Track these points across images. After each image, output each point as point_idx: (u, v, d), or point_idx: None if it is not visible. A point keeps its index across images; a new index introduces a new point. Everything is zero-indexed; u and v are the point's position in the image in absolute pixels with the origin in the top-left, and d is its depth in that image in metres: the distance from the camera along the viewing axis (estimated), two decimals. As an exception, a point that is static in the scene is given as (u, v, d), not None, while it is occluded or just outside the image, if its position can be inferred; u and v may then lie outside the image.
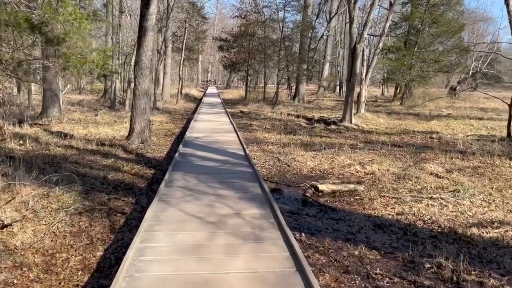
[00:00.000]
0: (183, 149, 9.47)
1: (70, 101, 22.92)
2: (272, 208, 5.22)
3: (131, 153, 9.28)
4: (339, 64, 50.21)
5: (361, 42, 16.15)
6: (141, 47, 9.73)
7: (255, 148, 10.89)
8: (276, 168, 8.44)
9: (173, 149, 10.34)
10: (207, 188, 6.27)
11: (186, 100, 30.18)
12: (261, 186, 6.36)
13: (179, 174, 7.08)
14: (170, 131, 13.89)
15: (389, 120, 19.53)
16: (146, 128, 10.14)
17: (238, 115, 20.69)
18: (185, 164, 7.96)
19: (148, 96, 10.03)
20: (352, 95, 16.54)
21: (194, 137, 11.52)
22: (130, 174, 7.46)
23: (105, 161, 8.35)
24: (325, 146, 11.59)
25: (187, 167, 7.72)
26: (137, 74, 9.80)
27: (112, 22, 20.57)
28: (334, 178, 7.68)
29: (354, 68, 16.22)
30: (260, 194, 6.02)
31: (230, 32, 33.03)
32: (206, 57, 70.14)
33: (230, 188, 6.25)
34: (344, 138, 13.27)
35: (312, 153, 10.09)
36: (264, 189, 6.09)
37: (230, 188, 6.25)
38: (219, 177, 6.94)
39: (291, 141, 12.38)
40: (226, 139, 11.27)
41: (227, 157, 8.74)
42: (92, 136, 11.79)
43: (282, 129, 15.17)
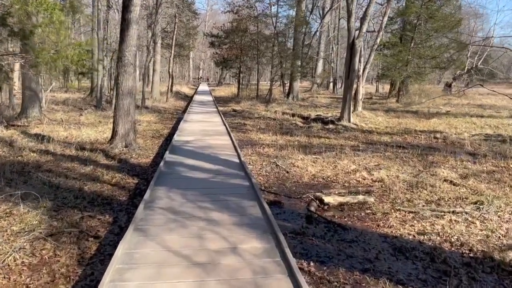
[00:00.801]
0: (169, 156, 8.37)
1: (54, 100, 21.88)
2: (277, 240, 4.20)
3: (113, 158, 8.40)
4: (332, 61, 49.59)
5: (359, 37, 15.37)
6: (124, 42, 8.83)
7: (250, 151, 10.07)
8: (274, 175, 7.63)
9: (160, 153, 9.48)
10: (195, 209, 5.16)
11: (176, 98, 29.23)
12: (261, 205, 5.33)
13: (163, 190, 5.99)
14: (158, 132, 13.00)
15: (388, 118, 18.83)
16: (131, 131, 9.26)
17: (230, 114, 19.84)
18: (171, 176, 6.84)
19: (132, 95, 9.15)
20: (351, 93, 15.78)
21: (183, 141, 10.42)
22: (110, 185, 6.59)
23: (83, 169, 7.47)
24: (325, 148, 10.83)
25: (173, 180, 6.60)
26: (120, 72, 8.91)
27: (98, 16, 19.54)
28: (339, 187, 6.89)
29: (352, 65, 15.45)
30: (260, 217, 4.96)
31: (222, 28, 32.08)
32: (197, 54, 69.04)
33: (223, 209, 5.19)
34: (344, 139, 12.50)
35: (312, 156, 9.29)
36: (265, 210, 5.07)
37: (223, 209, 5.19)
38: (211, 194, 5.87)
39: (288, 142, 11.58)
40: (218, 143, 10.28)
41: (220, 165, 7.71)
42: (73, 139, 10.87)
43: (277, 129, 14.36)
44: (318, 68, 45.26)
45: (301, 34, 29.23)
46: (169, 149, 9.04)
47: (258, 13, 28.05)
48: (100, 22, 20.38)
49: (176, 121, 16.21)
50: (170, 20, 28.78)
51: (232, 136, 11.09)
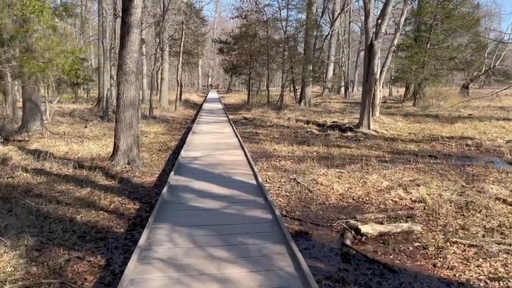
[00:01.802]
0: (175, 178, 7.09)
1: (61, 112, 21.27)
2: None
3: (113, 178, 7.50)
4: (343, 65, 48.57)
5: (378, 38, 14.37)
6: (125, 48, 7.97)
7: (265, 165, 9.11)
8: (296, 195, 6.64)
9: (166, 170, 8.56)
10: (205, 262, 3.89)
11: (185, 107, 28.45)
12: (292, 254, 3.99)
13: (164, 229, 4.70)
14: (166, 144, 12.11)
15: (408, 123, 17.75)
16: (134, 145, 8.37)
17: (241, 122, 18.92)
18: (175, 207, 5.57)
19: (134, 106, 8.28)
20: (370, 98, 14.75)
21: (190, 158, 9.14)
22: (107, 212, 5.67)
23: (79, 192, 6.58)
24: (347, 159, 9.82)
25: (177, 213, 5.34)
26: (120, 81, 8.05)
27: (103, 24, 18.87)
28: (374, 209, 5.88)
29: (371, 67, 14.43)
30: (293, 274, 3.63)
31: (231, 34, 31.29)
32: (206, 61, 68.52)
33: (242, 261, 3.91)
34: (366, 148, 11.47)
35: (335, 170, 8.29)
36: (299, 263, 3.75)
37: (242, 261, 3.91)
38: (225, 234, 4.58)
39: (305, 153, 10.60)
40: (231, 160, 9.03)
41: (234, 189, 6.45)
42: (73, 155, 10.04)
43: (292, 139, 13.38)
44: (329, 73, 44.21)
45: (312, 38, 28.28)
46: (175, 168, 7.84)
47: (267, 17, 27.20)
48: (105, 31, 19.72)
49: (185, 131, 15.33)
50: (178, 27, 28.09)
51: (246, 150, 10.01)
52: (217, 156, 9.44)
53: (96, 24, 22.92)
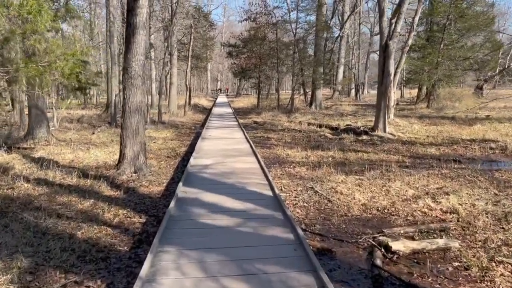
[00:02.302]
0: (183, 190, 6.50)
1: (69, 118, 21.04)
2: None
3: (119, 188, 7.07)
4: (353, 67, 47.95)
5: (393, 37, 13.81)
6: (130, 51, 7.56)
7: (279, 172, 8.61)
8: (314, 206, 6.13)
9: (175, 178, 8.11)
10: None
11: (194, 111, 28.10)
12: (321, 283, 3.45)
13: (170, 254, 4.08)
14: (175, 150, 11.68)
15: (424, 126, 17.12)
16: (140, 153, 7.94)
17: (252, 127, 18.46)
18: (183, 225, 4.92)
19: (141, 112, 7.85)
20: (386, 100, 14.17)
21: (200, 166, 8.51)
22: (110, 227, 5.23)
23: (81, 204, 6.15)
24: (365, 164, 9.29)
25: (185, 232, 4.69)
26: (126, 85, 7.64)
27: (110, 29, 18.62)
28: (402, 222, 5.34)
29: (386, 68, 13.88)
30: None
31: (239, 37, 30.92)
32: (215, 66, 68.39)
33: None
34: (384, 153, 10.91)
35: (354, 177, 7.76)
36: None
37: None
38: (241, 260, 3.93)
39: (320, 159, 10.08)
40: (243, 167, 8.42)
41: (248, 202, 5.82)
42: (79, 163, 9.67)
43: (305, 143, 12.87)
44: (339, 75, 43.61)
45: (322, 40, 27.80)
46: (184, 178, 7.24)
47: (276, 19, 26.76)
48: (113, 35, 19.47)
49: (194, 137, 14.91)
50: (186, 31, 27.82)
51: (259, 157, 9.47)
52: (228, 164, 8.83)
53: (105, 30, 22.73)
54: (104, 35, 31.83)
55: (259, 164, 8.81)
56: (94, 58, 41.02)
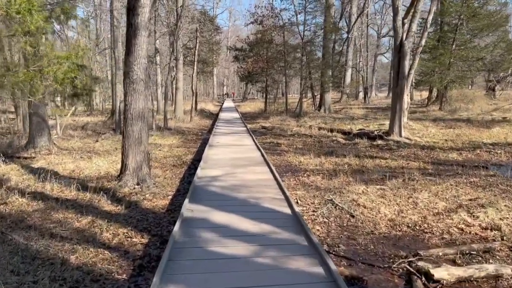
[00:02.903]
0: (190, 207, 5.71)
1: (74, 125, 20.67)
2: None
3: (120, 202, 6.50)
4: (361, 69, 47.26)
5: (409, 37, 13.17)
6: (131, 53, 7.02)
7: (292, 181, 8.01)
8: (336, 221, 5.51)
9: (181, 190, 7.54)
10: None
11: (201, 117, 27.61)
12: None
13: None
14: (181, 159, 11.11)
15: (440, 129, 16.44)
16: (144, 163, 7.38)
17: (260, 132, 17.87)
18: (188, 254, 4.15)
19: (144, 119, 7.30)
20: (401, 103, 13.51)
21: (208, 178, 7.69)
22: (108, 250, 4.65)
23: (78, 222, 5.59)
24: (385, 173, 8.65)
25: (192, 266, 3.88)
26: (127, 90, 7.09)
27: (114, 34, 18.22)
28: (438, 241, 4.70)
29: (401, 69, 13.23)
30: None
31: (246, 40, 30.42)
32: (221, 70, 68.10)
33: None
34: (403, 159, 10.25)
35: (375, 187, 7.13)
36: None
37: None
38: None
39: (336, 166, 9.46)
40: (255, 179, 7.61)
41: (265, 223, 5.00)
42: (80, 173, 9.14)
43: (318, 149, 12.25)
44: (346, 78, 42.95)
45: (330, 42, 27.21)
46: (190, 193, 6.43)
47: (284, 22, 26.22)
48: (117, 40, 19.04)
49: (201, 143, 14.36)
50: (192, 35, 27.39)
51: (272, 167, 8.69)
52: (239, 175, 8.06)
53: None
54: (109, 42, 31.57)
55: (272, 174, 8.06)
56: (100, 64, 40.80)
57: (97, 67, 33.98)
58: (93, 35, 43.20)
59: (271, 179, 7.66)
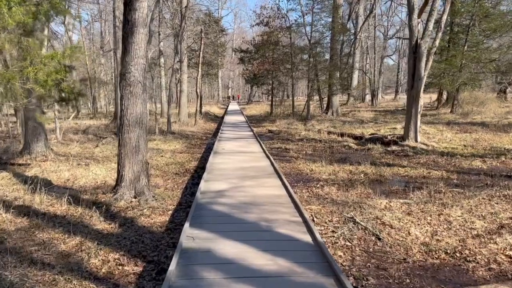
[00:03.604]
0: (191, 234, 4.78)
1: (75, 129, 20.12)
2: None
3: (114, 218, 5.81)
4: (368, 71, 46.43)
5: (425, 37, 12.43)
6: (128, 53, 6.34)
7: (305, 193, 7.29)
8: (360, 245, 4.77)
9: (183, 203, 6.84)
10: None
11: (206, 120, 26.97)
12: None
13: None
14: (183, 166, 10.43)
15: (456, 133, 15.64)
16: (142, 174, 6.69)
17: (267, 136, 17.17)
18: None
19: (142, 125, 6.61)
20: (417, 106, 12.75)
21: (212, 194, 6.77)
22: (94, 283, 3.95)
23: (65, 244, 4.91)
24: (404, 182, 7.92)
25: None
26: (124, 94, 6.41)
27: (115, 34, 17.63)
28: (486, 273, 3.96)
29: (417, 71, 12.48)
30: None
31: (251, 42, 29.75)
32: (226, 73, 67.54)
33: None
34: (423, 166, 9.48)
35: (398, 202, 6.39)
36: None
37: None
38: None
39: (350, 175, 8.73)
40: (267, 195, 6.64)
41: (282, 258, 4.07)
42: (75, 183, 8.50)
43: (329, 155, 11.52)
44: (354, 80, 42.16)
45: (338, 43, 26.46)
46: (191, 215, 5.51)
47: (290, 23, 25.52)
48: (120, 42, 18.43)
49: (206, 149, 13.67)
50: (196, 37, 26.77)
51: (285, 180, 7.66)
52: (247, 189, 7.09)
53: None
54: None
55: (285, 189, 7.06)
56: (104, 67, 40.32)
57: (101, 69, 33.45)
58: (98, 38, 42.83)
59: (285, 195, 6.72)
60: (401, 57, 55.00)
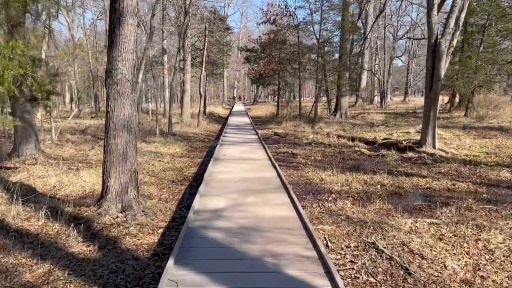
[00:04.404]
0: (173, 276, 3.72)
1: (74, 128, 19.39)
2: None
3: (95, 238, 4.99)
4: (376, 72, 45.45)
5: (445, 34, 11.52)
6: (115, 46, 5.52)
7: (315, 208, 6.44)
8: (387, 282, 3.89)
9: (178, 217, 6.01)
10: None
11: (209, 121, 26.15)
12: None
13: None
14: (182, 173, 9.61)
15: (474, 139, 14.68)
16: (130, 185, 5.86)
17: (272, 139, 16.32)
18: None
19: (130, 130, 5.79)
20: (435, 110, 11.82)
21: (207, 215, 5.65)
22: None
23: (31, 272, 4.09)
24: (427, 196, 7.05)
25: None
26: (110, 93, 5.59)
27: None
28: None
29: (437, 71, 11.56)
30: None
31: (258, 41, 28.89)
32: (231, 73, 66.72)
33: None
34: (446, 177, 8.56)
35: (425, 221, 5.51)
36: None
37: None
38: None
39: (366, 186, 7.86)
40: (272, 217, 5.53)
41: None
42: (60, 191, 7.70)
43: (339, 162, 10.65)
44: (362, 81, 41.18)
45: (348, 43, 25.50)
46: (178, 247, 4.42)
47: (299, 21, 24.62)
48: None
49: (207, 153, 12.83)
50: (201, 35, 25.96)
51: (294, 196, 6.47)
52: (249, 208, 5.95)
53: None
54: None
55: (295, 209, 5.88)
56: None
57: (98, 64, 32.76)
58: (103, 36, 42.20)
59: (294, 217, 5.54)
60: (411, 58, 53.91)
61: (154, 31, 17.07)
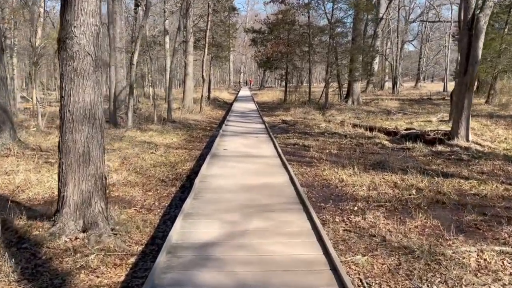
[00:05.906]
0: None
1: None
2: None
3: (37, 273, 3.56)
4: (388, 57, 43.49)
5: (485, 8, 9.81)
6: (71, 7, 3.99)
7: (339, 223, 4.98)
8: None
9: (159, 236, 4.56)
10: None
11: (213, 107, 24.61)
12: None
13: None
14: (175, 169, 8.14)
15: (506, 129, 13.07)
16: (95, 195, 4.39)
17: (280, 128, 14.80)
18: None
19: (95, 122, 4.29)
20: (470, 97, 10.22)
21: (187, 255, 3.74)
22: None
23: None
24: (478, 206, 5.55)
25: None
26: (64, 71, 4.10)
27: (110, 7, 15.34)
28: None
29: (473, 52, 9.89)
30: None
31: (265, 21, 27.09)
32: (238, 57, 64.72)
33: None
34: (492, 178, 7.02)
35: (493, 250, 4.02)
36: None
37: None
38: None
39: (398, 191, 6.35)
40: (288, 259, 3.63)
41: None
42: (25, 192, 6.33)
43: (359, 156, 9.12)
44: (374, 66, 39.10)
45: (362, 24, 23.68)
46: None
47: None
48: (114, 17, 16.09)
49: (207, 144, 11.35)
50: (204, 13, 24.22)
51: (316, 219, 4.55)
52: (253, 243, 4.03)
53: None
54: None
55: (320, 242, 3.99)
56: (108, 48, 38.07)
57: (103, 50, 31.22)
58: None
59: (322, 261, 3.58)
60: (424, 43, 51.62)
61: (149, 7, 15.47)
